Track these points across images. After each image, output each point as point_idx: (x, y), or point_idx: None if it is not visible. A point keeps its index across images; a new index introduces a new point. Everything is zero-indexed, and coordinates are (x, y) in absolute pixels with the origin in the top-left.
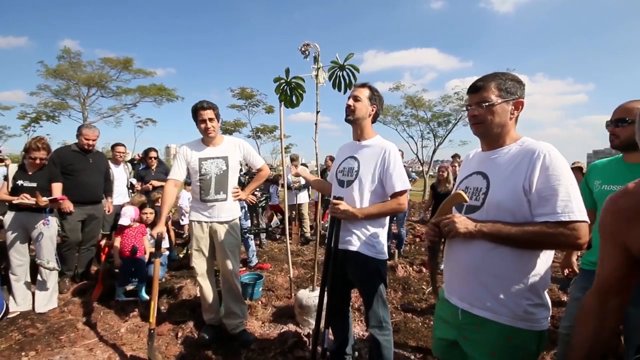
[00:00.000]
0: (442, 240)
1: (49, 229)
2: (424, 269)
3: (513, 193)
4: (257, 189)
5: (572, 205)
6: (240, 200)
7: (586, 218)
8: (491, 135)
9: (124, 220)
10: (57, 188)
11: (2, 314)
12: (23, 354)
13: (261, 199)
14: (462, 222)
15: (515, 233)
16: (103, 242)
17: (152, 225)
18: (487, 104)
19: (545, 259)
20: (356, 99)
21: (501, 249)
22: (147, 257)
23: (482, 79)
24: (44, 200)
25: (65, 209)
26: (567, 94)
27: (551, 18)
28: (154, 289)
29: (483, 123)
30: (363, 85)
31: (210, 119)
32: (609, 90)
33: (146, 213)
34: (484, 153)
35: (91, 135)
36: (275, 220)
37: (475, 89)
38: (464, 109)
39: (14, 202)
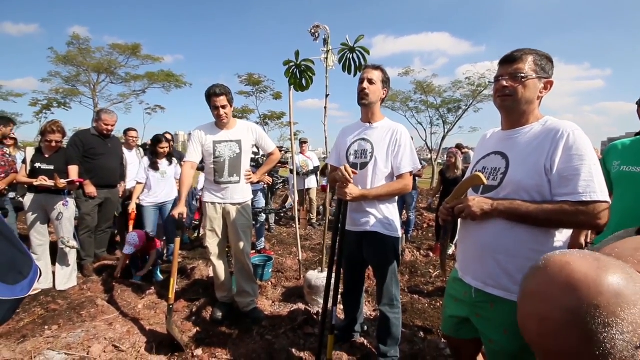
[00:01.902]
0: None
1: (67, 210)
2: (430, 254)
3: (533, 172)
4: (270, 173)
5: (594, 185)
6: (252, 183)
7: (608, 199)
8: (517, 111)
9: (127, 249)
10: (73, 170)
11: (38, 277)
12: (46, 327)
13: (278, 182)
14: (477, 204)
15: (534, 211)
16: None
17: (169, 156)
18: (522, 75)
19: (562, 239)
20: (371, 82)
21: (517, 228)
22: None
23: (519, 50)
24: (62, 182)
25: (90, 194)
26: (582, 80)
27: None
28: (173, 267)
29: (512, 96)
30: (376, 68)
31: (223, 106)
32: (627, 76)
33: (163, 147)
34: (503, 132)
35: (110, 121)
36: (290, 202)
37: (512, 60)
38: (478, 92)
39: (34, 184)
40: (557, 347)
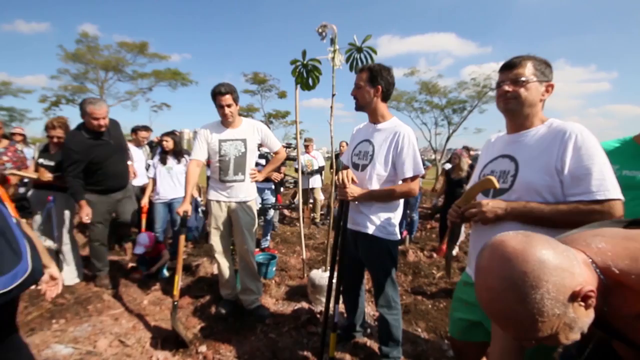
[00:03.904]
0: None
1: (53, 207)
2: (434, 255)
3: (544, 172)
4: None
5: (606, 184)
6: (257, 181)
7: (621, 196)
8: (521, 114)
9: (137, 250)
10: None
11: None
12: (54, 321)
13: (289, 181)
14: (491, 209)
15: (548, 213)
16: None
17: (175, 153)
18: (523, 79)
19: None
20: (357, 86)
21: (532, 230)
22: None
23: (518, 57)
24: (48, 176)
25: (84, 221)
26: (589, 82)
27: (576, 1)
28: (178, 264)
29: (516, 99)
30: (361, 70)
31: (229, 105)
32: (633, 79)
33: (166, 140)
34: (509, 136)
35: (98, 112)
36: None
37: (512, 66)
38: (484, 93)
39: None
40: (501, 311)
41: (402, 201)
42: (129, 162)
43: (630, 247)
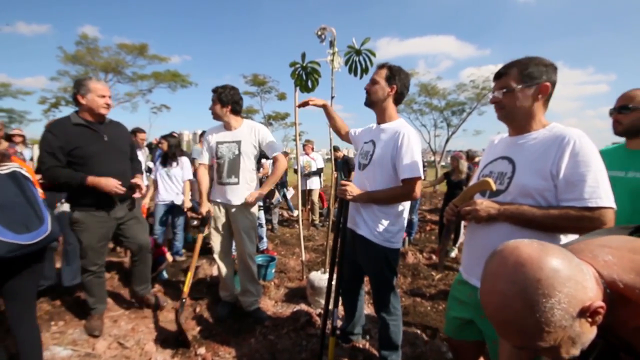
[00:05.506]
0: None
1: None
2: (433, 257)
3: (539, 176)
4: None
5: (599, 191)
6: (255, 201)
7: (613, 204)
8: (515, 120)
9: None
10: None
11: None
12: (52, 323)
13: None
14: (484, 208)
15: (540, 216)
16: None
17: (173, 156)
18: (506, 89)
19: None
20: (373, 81)
21: (524, 231)
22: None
23: (505, 65)
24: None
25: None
26: (587, 84)
27: (574, 4)
28: (192, 262)
29: (504, 108)
30: (381, 67)
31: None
32: (631, 80)
33: (161, 143)
34: (510, 138)
35: (105, 90)
36: (277, 197)
37: (499, 75)
38: (482, 95)
39: None
40: (508, 316)
41: (406, 209)
42: (145, 175)
43: (636, 260)
